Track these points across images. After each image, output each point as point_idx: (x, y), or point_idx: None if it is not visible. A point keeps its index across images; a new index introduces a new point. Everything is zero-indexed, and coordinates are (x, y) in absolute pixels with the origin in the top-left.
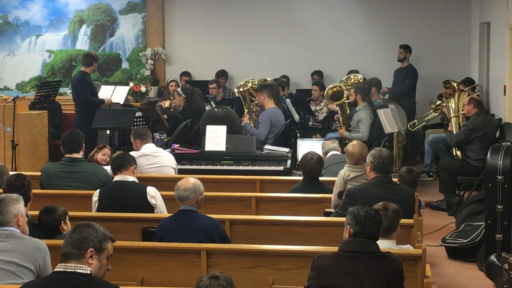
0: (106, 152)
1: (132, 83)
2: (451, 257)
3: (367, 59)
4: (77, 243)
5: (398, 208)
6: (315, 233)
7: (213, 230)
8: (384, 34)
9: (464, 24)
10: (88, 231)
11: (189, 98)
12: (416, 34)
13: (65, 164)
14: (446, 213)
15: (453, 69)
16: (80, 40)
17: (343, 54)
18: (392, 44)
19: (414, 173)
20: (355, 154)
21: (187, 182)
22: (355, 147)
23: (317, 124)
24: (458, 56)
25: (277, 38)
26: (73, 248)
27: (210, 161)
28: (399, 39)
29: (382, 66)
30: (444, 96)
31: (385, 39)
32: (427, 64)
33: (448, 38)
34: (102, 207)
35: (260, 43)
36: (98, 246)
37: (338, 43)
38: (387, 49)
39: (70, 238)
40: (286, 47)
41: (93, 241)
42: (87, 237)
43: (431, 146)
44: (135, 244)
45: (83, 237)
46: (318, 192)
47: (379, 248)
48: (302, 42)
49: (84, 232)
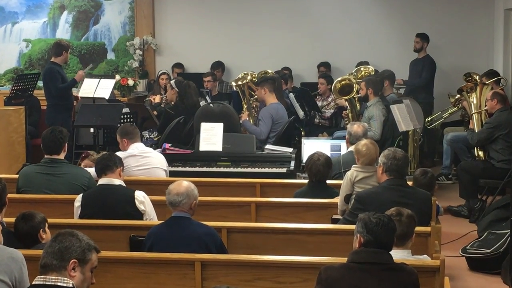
0: (87, 164)
1: (118, 76)
2: (473, 269)
3: (380, 49)
4: (58, 254)
5: (413, 214)
6: (322, 242)
7: (208, 239)
8: (399, 22)
9: (488, 10)
10: (71, 240)
11: (182, 92)
12: (434, 21)
13: (45, 166)
14: (467, 220)
15: (475, 60)
16: (60, 28)
17: (353, 43)
18: (408, 32)
19: (429, 175)
20: (364, 154)
21: (180, 185)
22: (364, 146)
23: (324, 121)
24: (480, 45)
25: (280, 26)
26: (53, 259)
27: (205, 162)
28: (415, 27)
29: (396, 57)
30: (465, 90)
31: (400, 27)
32: (446, 54)
33: (469, 25)
34: (85, 214)
35: (261, 31)
36: (81, 257)
37: (347, 32)
38: (402, 38)
39: (51, 248)
40: (290, 36)
41: (76, 252)
42: (69, 247)
43: (451, 145)
44: (122, 254)
45: (65, 246)
46: (325, 197)
47: (392, 259)
48: (307, 31)
49: (66, 241)
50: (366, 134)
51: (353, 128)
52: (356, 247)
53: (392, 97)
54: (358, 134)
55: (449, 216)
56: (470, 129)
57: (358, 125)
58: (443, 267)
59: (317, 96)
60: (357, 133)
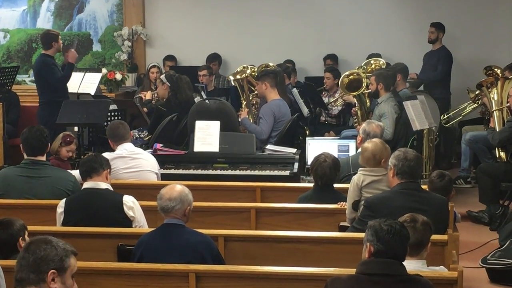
0: (71, 149)
1: (105, 70)
2: (494, 281)
3: (391, 40)
4: (34, 266)
5: (429, 221)
6: (328, 252)
7: (203, 248)
8: (412, 10)
9: None
10: (46, 249)
11: (175, 87)
12: (450, 9)
13: (26, 168)
14: (487, 227)
15: (496, 52)
16: (42, 17)
17: (362, 34)
18: (422, 22)
19: (447, 178)
20: (370, 155)
21: (173, 190)
22: (371, 145)
23: (330, 119)
24: (501, 36)
25: (282, 15)
26: (30, 272)
27: (200, 164)
28: (430, 16)
29: (410, 48)
30: (485, 85)
31: (413, 16)
32: (463, 46)
33: (490, 13)
34: (69, 220)
35: (261, 20)
36: (60, 266)
37: (356, 21)
38: (415, 28)
39: (24, 260)
40: (293, 26)
41: (54, 261)
42: (45, 257)
43: (469, 146)
44: (109, 265)
45: (41, 257)
46: (332, 202)
47: (405, 270)
48: (313, 20)
49: (40, 251)
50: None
51: (371, 127)
52: (366, 257)
53: (405, 93)
54: (376, 135)
55: (468, 223)
56: (490, 127)
57: (377, 125)
58: (461, 279)
59: (323, 91)
60: (376, 134)
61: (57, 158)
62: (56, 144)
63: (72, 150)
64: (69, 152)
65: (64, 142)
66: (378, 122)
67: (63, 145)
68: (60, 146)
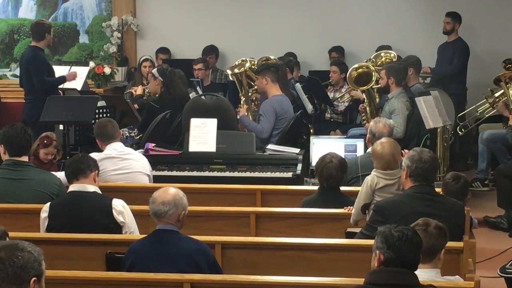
0: (50, 151)
1: (93, 63)
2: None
3: (403, 31)
4: (14, 277)
5: (443, 226)
6: (335, 260)
7: (199, 256)
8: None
9: None
10: (23, 256)
11: (168, 82)
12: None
13: (7, 169)
14: (506, 233)
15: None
16: (24, 6)
17: (371, 24)
18: (436, 11)
19: (462, 180)
20: (384, 156)
21: (166, 193)
22: (384, 146)
23: (336, 116)
24: None
25: (284, 4)
26: (11, 284)
27: (195, 165)
28: (445, 6)
29: (423, 40)
30: (503, 80)
31: (427, 5)
32: (481, 37)
33: (510, 3)
34: (54, 226)
35: (262, 10)
36: (39, 272)
37: (364, 10)
38: (429, 19)
39: (2, 272)
40: (296, 16)
41: (34, 268)
42: (25, 265)
43: (487, 146)
44: (97, 274)
45: (21, 266)
46: (338, 206)
47: (418, 280)
48: (316, 9)
49: (17, 260)
50: (391, 135)
51: (377, 127)
52: (375, 266)
53: (417, 88)
54: (383, 135)
55: (485, 229)
56: (509, 126)
57: (384, 124)
58: None
59: (329, 86)
60: (382, 134)
61: (36, 159)
62: (34, 145)
63: (51, 153)
64: (47, 155)
65: (42, 144)
66: (386, 120)
67: (41, 147)
68: (38, 147)
